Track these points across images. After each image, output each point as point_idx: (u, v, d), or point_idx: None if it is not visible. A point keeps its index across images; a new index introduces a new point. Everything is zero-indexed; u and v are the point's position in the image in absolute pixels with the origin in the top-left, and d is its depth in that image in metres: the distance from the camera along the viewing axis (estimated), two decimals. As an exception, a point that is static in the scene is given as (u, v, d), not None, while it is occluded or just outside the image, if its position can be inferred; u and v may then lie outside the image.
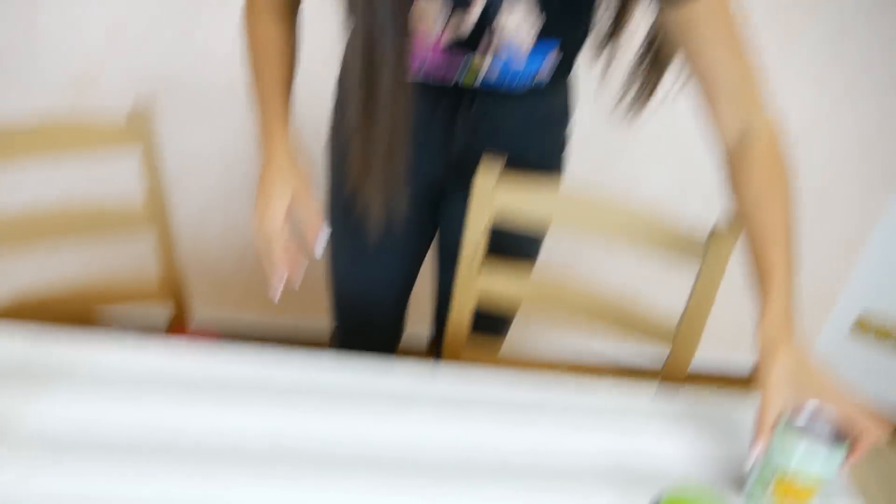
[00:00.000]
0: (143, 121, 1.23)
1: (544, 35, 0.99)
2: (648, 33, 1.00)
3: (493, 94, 1.08)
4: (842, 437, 0.78)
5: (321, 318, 2.09)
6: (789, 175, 0.91)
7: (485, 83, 1.06)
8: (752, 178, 0.91)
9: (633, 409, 0.98)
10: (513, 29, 0.98)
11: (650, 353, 1.34)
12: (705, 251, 1.11)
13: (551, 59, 1.04)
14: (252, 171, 1.84)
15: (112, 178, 1.61)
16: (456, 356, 1.26)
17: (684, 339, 1.16)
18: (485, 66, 1.03)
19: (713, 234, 1.09)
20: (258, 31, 1.05)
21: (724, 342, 2.06)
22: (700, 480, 0.88)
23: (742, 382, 2.07)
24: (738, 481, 0.88)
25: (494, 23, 0.98)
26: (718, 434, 0.95)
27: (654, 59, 1.01)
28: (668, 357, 1.18)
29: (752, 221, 0.89)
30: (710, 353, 2.04)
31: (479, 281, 1.20)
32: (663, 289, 1.94)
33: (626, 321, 1.20)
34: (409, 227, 1.23)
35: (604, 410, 0.97)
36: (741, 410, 0.99)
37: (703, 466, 0.90)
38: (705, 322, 1.15)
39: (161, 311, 1.35)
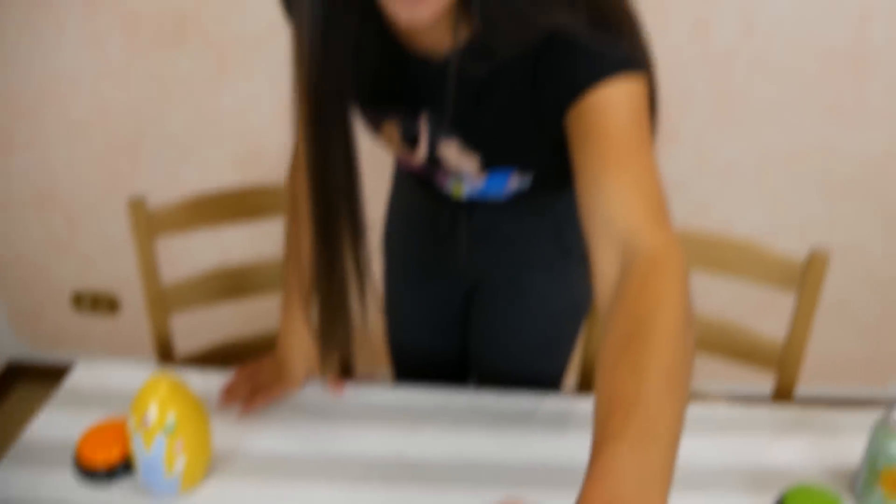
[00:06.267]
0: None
1: (489, 166, 0.96)
2: None
3: (487, 204, 1.09)
4: None
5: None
6: (665, 320, 0.64)
7: (471, 195, 1.06)
8: (613, 328, 0.66)
9: (750, 419, 1.10)
10: (455, 162, 0.96)
11: (755, 383, 1.45)
12: (801, 280, 1.23)
13: (515, 180, 0.99)
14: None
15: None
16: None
17: (788, 365, 1.27)
18: (462, 182, 1.03)
19: (808, 262, 1.22)
20: (296, 192, 1.11)
21: (824, 375, 2.14)
22: (817, 480, 0.99)
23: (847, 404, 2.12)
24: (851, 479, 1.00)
25: (438, 156, 0.98)
26: (829, 438, 1.07)
27: None
28: (774, 385, 1.30)
29: (599, 388, 0.63)
30: (812, 386, 2.12)
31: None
32: (762, 321, 2.04)
33: (732, 347, 1.33)
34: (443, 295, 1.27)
35: (724, 421, 1.10)
36: (850, 417, 1.11)
37: (818, 468, 1.01)
38: (805, 347, 1.26)
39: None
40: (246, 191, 1.45)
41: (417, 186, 1.16)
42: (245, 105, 1.88)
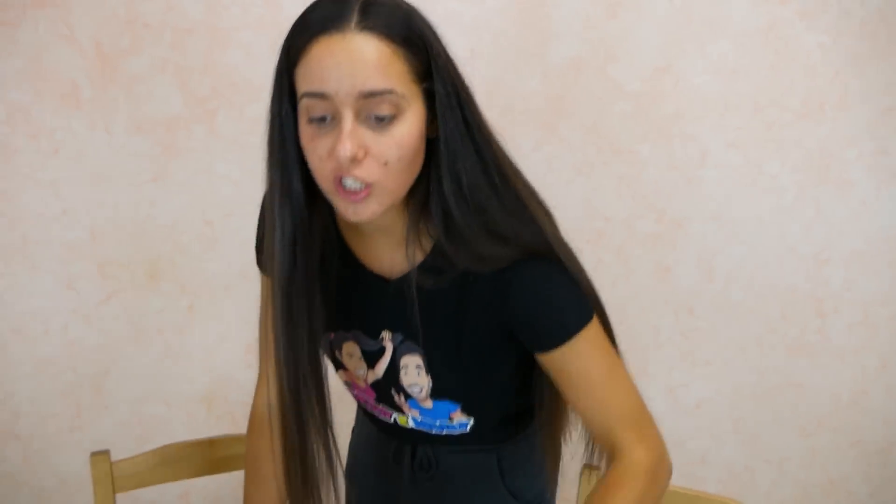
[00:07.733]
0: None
1: (437, 396, 1.02)
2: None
3: (433, 439, 1.10)
4: None
5: None
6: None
7: (418, 424, 1.08)
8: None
9: None
10: (411, 379, 1.01)
11: None
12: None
13: (458, 416, 1.05)
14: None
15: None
16: None
17: None
18: (406, 410, 1.07)
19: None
20: (256, 453, 1.15)
21: None
22: None
23: None
24: None
25: (396, 377, 1.03)
26: None
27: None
28: None
29: None
30: None
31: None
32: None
33: None
34: None
35: None
36: None
37: None
38: None
39: None
40: (214, 440, 1.42)
41: (370, 419, 1.18)
42: (213, 343, 1.88)
